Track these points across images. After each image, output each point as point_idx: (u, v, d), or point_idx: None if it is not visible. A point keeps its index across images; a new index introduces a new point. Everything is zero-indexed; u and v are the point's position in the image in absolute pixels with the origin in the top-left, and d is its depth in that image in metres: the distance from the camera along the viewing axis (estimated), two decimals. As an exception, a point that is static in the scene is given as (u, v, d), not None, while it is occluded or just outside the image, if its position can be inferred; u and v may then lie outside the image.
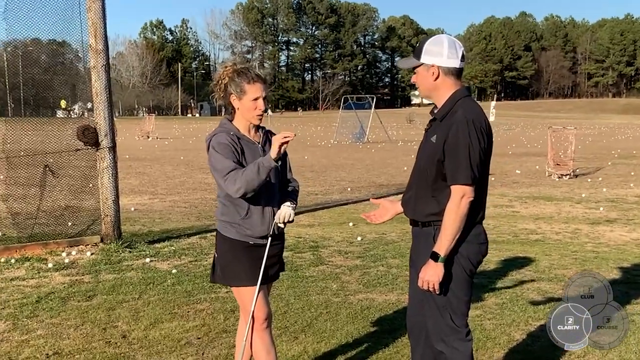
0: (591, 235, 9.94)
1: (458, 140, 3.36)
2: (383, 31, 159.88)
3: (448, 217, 3.39)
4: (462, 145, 3.35)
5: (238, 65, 3.89)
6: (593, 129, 56.19)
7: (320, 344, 5.21)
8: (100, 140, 8.37)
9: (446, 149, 3.40)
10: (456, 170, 3.38)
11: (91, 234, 8.56)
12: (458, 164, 3.37)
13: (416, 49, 3.57)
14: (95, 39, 8.37)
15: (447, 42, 3.49)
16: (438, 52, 3.47)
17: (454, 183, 3.40)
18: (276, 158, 3.61)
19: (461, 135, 3.36)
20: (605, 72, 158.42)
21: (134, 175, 18.27)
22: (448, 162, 3.40)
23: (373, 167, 21.69)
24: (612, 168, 21.17)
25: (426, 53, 3.50)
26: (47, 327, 5.57)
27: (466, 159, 3.35)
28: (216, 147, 3.76)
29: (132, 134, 41.71)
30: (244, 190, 3.64)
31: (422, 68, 3.54)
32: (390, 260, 8.00)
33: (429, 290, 3.47)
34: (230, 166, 3.68)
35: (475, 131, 3.37)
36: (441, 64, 3.48)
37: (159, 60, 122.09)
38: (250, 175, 3.61)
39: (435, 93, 3.56)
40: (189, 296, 6.46)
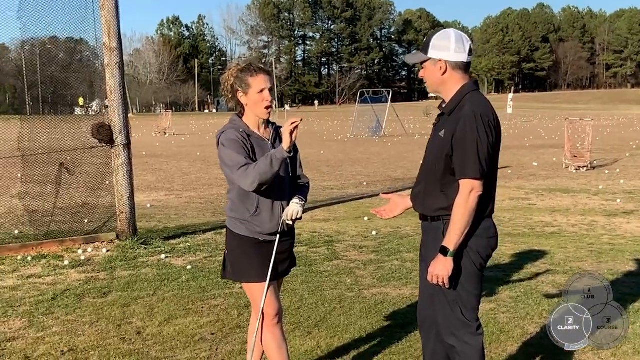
0: (608, 227, 9.86)
1: (466, 134, 3.35)
2: (399, 24, 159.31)
3: (457, 212, 3.38)
4: (470, 139, 3.35)
5: (241, 64, 3.91)
6: (611, 120, 55.67)
7: (333, 338, 5.22)
8: (115, 137, 8.42)
9: (454, 143, 3.39)
10: (464, 165, 3.37)
11: (107, 231, 8.62)
12: (466, 158, 3.36)
13: (423, 43, 3.57)
14: (109, 37, 8.41)
15: (455, 36, 3.47)
16: (445, 46, 3.46)
17: (462, 177, 3.39)
18: (289, 148, 3.60)
19: (469, 129, 3.35)
20: (624, 63, 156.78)
21: (151, 172, 18.37)
22: (456, 156, 3.40)
23: (389, 161, 21.65)
24: (630, 159, 20.96)
25: (433, 48, 3.49)
26: (62, 324, 5.62)
27: (474, 153, 3.34)
28: (226, 143, 3.77)
29: (149, 131, 41.95)
30: (257, 183, 3.63)
31: (429, 63, 3.53)
32: (404, 255, 7.99)
33: (438, 284, 3.47)
34: (241, 161, 3.69)
35: (483, 125, 3.36)
36: (449, 59, 3.46)
37: (175, 57, 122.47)
38: (263, 168, 3.61)
39: (443, 88, 3.55)
40: (204, 292, 6.49)
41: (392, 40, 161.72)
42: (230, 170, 3.73)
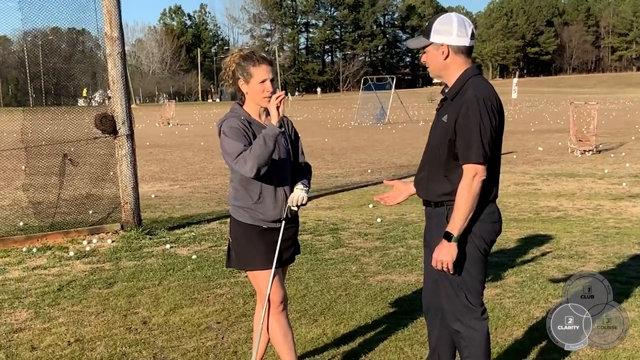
0: (613, 211, 9.83)
1: (469, 119, 3.33)
2: (403, 10, 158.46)
3: (460, 197, 3.37)
4: (473, 124, 3.32)
5: (244, 51, 3.88)
6: (617, 103, 55.43)
7: (339, 326, 5.22)
8: (118, 128, 8.41)
9: (457, 128, 3.37)
10: (468, 149, 3.35)
11: (111, 221, 8.62)
12: (469, 142, 3.34)
13: (425, 28, 3.55)
14: (110, 27, 8.39)
15: (457, 20, 3.45)
16: (447, 30, 3.43)
17: (465, 162, 3.37)
18: (278, 122, 3.61)
19: (472, 114, 3.33)
20: (629, 46, 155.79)
21: (155, 162, 18.37)
22: (459, 141, 3.38)
23: (393, 148, 21.61)
24: (636, 143, 20.87)
25: (435, 32, 3.47)
26: (68, 314, 5.63)
27: (477, 137, 3.32)
28: (227, 132, 3.75)
29: (153, 121, 41.95)
30: (256, 166, 3.62)
31: (431, 47, 3.51)
32: (409, 241, 7.98)
33: (443, 270, 3.45)
34: (240, 149, 3.68)
35: (486, 109, 3.34)
36: (451, 43, 3.44)
37: (178, 46, 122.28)
38: (258, 149, 3.60)
39: (446, 72, 3.52)
40: (209, 281, 6.49)
41: (396, 26, 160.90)
42: (230, 158, 3.72)
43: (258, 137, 3.64)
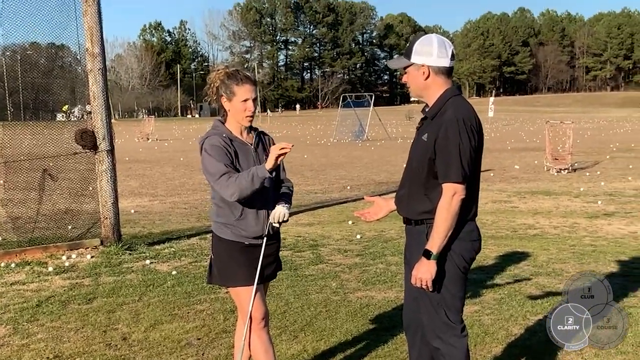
0: (589, 229, 9.97)
1: (448, 138, 3.39)
2: (381, 29, 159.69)
3: (440, 215, 3.42)
4: (452, 143, 3.39)
5: (229, 68, 3.93)
6: (592, 122, 56.19)
7: (319, 342, 5.24)
8: (99, 143, 8.40)
9: (437, 147, 3.43)
10: (447, 169, 3.41)
11: (91, 237, 8.58)
12: (449, 162, 3.40)
13: (406, 48, 3.61)
14: (91, 43, 8.40)
15: (437, 41, 3.51)
16: (428, 51, 3.50)
17: (445, 181, 3.43)
18: (271, 169, 3.65)
19: (451, 133, 3.39)
20: (603, 66, 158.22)
21: (134, 178, 18.30)
22: (439, 160, 3.44)
23: (372, 165, 21.71)
24: (611, 161, 21.18)
25: (416, 53, 3.53)
26: (47, 330, 5.60)
27: (457, 157, 3.38)
28: (209, 150, 3.79)
29: (132, 136, 41.76)
30: (237, 196, 3.69)
31: (412, 68, 3.57)
32: (389, 258, 8.03)
33: (422, 287, 3.50)
34: (222, 169, 3.72)
35: (465, 129, 3.41)
36: (431, 64, 3.51)
37: (158, 62, 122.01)
38: (244, 183, 3.65)
39: (426, 92, 3.59)
40: (189, 297, 6.49)
41: (374, 44, 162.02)
42: (212, 177, 3.76)
43: (247, 172, 3.68)
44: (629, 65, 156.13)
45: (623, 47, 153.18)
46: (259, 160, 3.90)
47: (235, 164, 3.81)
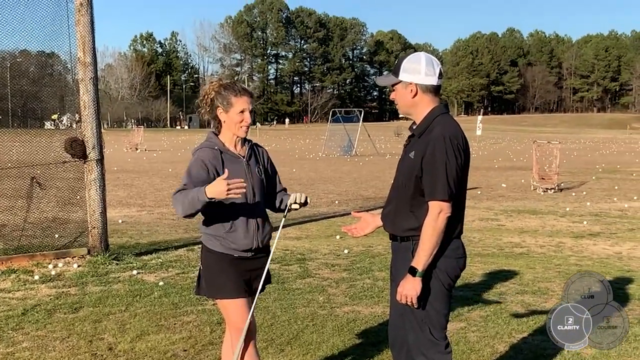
0: (575, 248, 10.04)
1: (435, 157, 3.43)
2: (371, 45, 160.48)
3: (425, 232, 3.45)
4: (439, 161, 3.42)
5: (224, 80, 3.96)
6: (578, 143, 56.61)
7: (306, 356, 5.25)
8: (88, 152, 8.39)
9: (424, 165, 3.47)
10: (433, 187, 3.44)
11: (78, 246, 8.55)
12: (435, 180, 3.43)
13: (394, 66, 3.64)
14: (83, 52, 8.41)
15: (425, 59, 3.55)
16: (416, 69, 3.54)
17: (431, 199, 3.46)
18: (212, 197, 3.57)
19: (438, 152, 3.42)
20: (590, 87, 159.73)
21: (122, 187, 18.25)
22: (425, 178, 3.47)
23: (361, 180, 21.77)
24: (596, 182, 21.35)
25: (404, 71, 3.56)
26: (32, 339, 5.57)
27: (443, 175, 3.42)
28: (190, 165, 3.85)
29: (121, 146, 41.66)
30: (182, 214, 3.71)
31: (400, 85, 3.61)
32: (376, 273, 8.05)
33: (407, 304, 3.52)
34: (181, 186, 3.76)
35: (452, 148, 3.44)
36: (419, 82, 3.54)
37: (148, 73, 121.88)
38: (187, 204, 3.64)
39: (414, 110, 3.63)
40: (176, 308, 6.48)
41: (364, 60, 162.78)
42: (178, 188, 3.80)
43: (194, 192, 3.62)
44: (615, 87, 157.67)
45: (610, 69, 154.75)
46: (250, 172, 3.92)
47: (216, 176, 3.82)
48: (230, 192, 3.54)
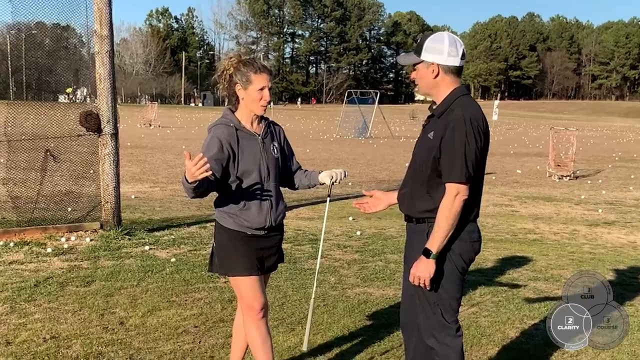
0: (589, 236, 9.97)
1: (454, 138, 3.38)
2: (389, 26, 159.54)
3: (441, 214, 3.41)
4: (458, 143, 3.37)
5: (243, 56, 3.90)
6: (595, 131, 56.17)
7: (316, 336, 5.24)
8: (103, 126, 8.38)
9: (442, 146, 3.41)
10: (451, 168, 3.39)
11: (91, 220, 8.57)
12: (453, 161, 3.38)
13: (417, 45, 3.57)
14: (100, 25, 8.36)
15: (448, 39, 3.49)
16: (439, 49, 3.47)
17: (448, 181, 3.41)
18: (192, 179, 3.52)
19: (457, 133, 3.37)
20: (609, 75, 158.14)
21: (135, 163, 18.29)
22: (444, 159, 3.42)
23: (374, 162, 21.70)
24: (612, 171, 21.18)
25: (427, 50, 3.50)
26: (44, 311, 5.59)
27: (462, 157, 3.37)
28: (206, 140, 3.81)
29: (134, 122, 41.74)
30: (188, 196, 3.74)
31: (422, 65, 3.54)
32: (388, 256, 8.03)
33: (419, 285, 3.49)
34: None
35: (472, 130, 3.39)
36: (441, 62, 3.48)
37: (163, 49, 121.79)
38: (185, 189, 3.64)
39: (435, 90, 3.56)
40: (187, 285, 6.48)
41: (381, 41, 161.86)
42: None
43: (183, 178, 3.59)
44: (634, 75, 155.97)
45: (630, 57, 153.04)
46: (265, 151, 3.89)
47: (237, 153, 3.79)
48: (197, 172, 3.45)
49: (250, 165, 3.83)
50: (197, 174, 3.46)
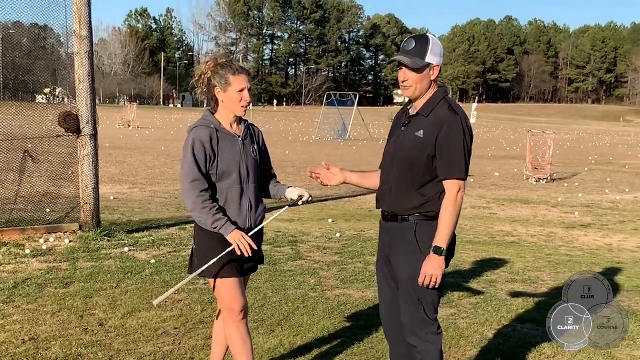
0: (566, 239, 10.09)
1: (452, 136, 3.48)
2: (368, 29, 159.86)
3: (447, 211, 3.51)
4: (457, 141, 3.48)
5: (220, 59, 3.92)
6: (572, 134, 56.74)
7: (296, 337, 5.26)
8: (82, 127, 8.35)
9: (439, 144, 3.50)
10: (451, 165, 3.50)
11: (70, 221, 8.53)
12: (453, 159, 3.49)
13: (416, 48, 3.56)
14: (79, 25, 8.33)
15: (439, 42, 3.63)
16: (439, 52, 3.59)
17: (449, 177, 3.52)
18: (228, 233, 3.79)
19: (455, 131, 3.49)
20: (586, 79, 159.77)
21: (114, 164, 18.19)
22: (442, 157, 3.50)
23: (354, 164, 21.72)
24: (589, 174, 21.43)
25: (432, 53, 3.57)
26: (23, 312, 5.57)
27: (461, 154, 3.49)
28: (195, 146, 3.79)
29: (113, 123, 41.46)
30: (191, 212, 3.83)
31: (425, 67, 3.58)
32: (367, 258, 8.07)
33: (429, 285, 3.53)
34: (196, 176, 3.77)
35: (468, 129, 3.53)
36: (440, 64, 3.61)
37: (142, 49, 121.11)
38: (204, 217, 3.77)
39: (426, 92, 3.64)
40: (167, 286, 6.46)
41: (360, 44, 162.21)
42: (183, 177, 3.81)
43: (220, 223, 3.77)
44: (611, 79, 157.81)
45: (606, 61, 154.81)
46: (245, 152, 3.90)
47: (217, 154, 3.81)
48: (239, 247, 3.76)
49: (230, 166, 3.84)
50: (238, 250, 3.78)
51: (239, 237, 3.75)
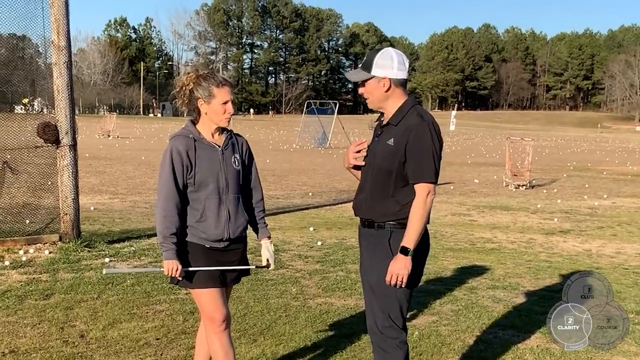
0: (545, 245, 10.17)
1: (421, 141, 3.58)
2: (347, 37, 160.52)
3: (416, 213, 3.57)
4: (426, 145, 3.57)
5: (201, 70, 3.93)
6: (550, 140, 57.26)
7: (279, 347, 5.26)
8: (61, 137, 8.30)
9: (408, 150, 3.59)
10: (421, 169, 3.58)
11: (49, 232, 8.46)
12: (423, 163, 3.58)
13: (365, 62, 3.75)
14: (57, 35, 8.29)
15: (396, 55, 3.70)
16: (388, 65, 3.68)
17: (419, 181, 3.59)
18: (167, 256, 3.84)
19: (425, 136, 3.58)
20: (564, 85, 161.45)
21: (94, 174, 18.08)
22: (412, 162, 3.59)
23: (334, 172, 21.78)
24: (567, 180, 21.63)
25: (377, 66, 3.69)
26: (3, 325, 5.51)
27: (430, 158, 3.58)
28: (173, 156, 3.82)
29: (93, 132, 41.21)
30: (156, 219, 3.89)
31: (372, 80, 3.72)
32: (349, 266, 8.08)
33: (396, 284, 3.59)
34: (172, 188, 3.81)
35: (435, 133, 3.62)
36: (392, 76, 3.68)
37: (121, 59, 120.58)
38: (159, 234, 3.84)
39: (386, 103, 3.75)
40: (148, 297, 6.45)
41: (339, 52, 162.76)
42: (159, 188, 3.87)
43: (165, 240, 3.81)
44: (588, 85, 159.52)
45: (583, 68, 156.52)
46: (224, 162, 3.90)
47: (195, 164, 3.82)
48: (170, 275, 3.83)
49: (206, 176, 3.84)
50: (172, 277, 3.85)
51: (172, 267, 3.79)
